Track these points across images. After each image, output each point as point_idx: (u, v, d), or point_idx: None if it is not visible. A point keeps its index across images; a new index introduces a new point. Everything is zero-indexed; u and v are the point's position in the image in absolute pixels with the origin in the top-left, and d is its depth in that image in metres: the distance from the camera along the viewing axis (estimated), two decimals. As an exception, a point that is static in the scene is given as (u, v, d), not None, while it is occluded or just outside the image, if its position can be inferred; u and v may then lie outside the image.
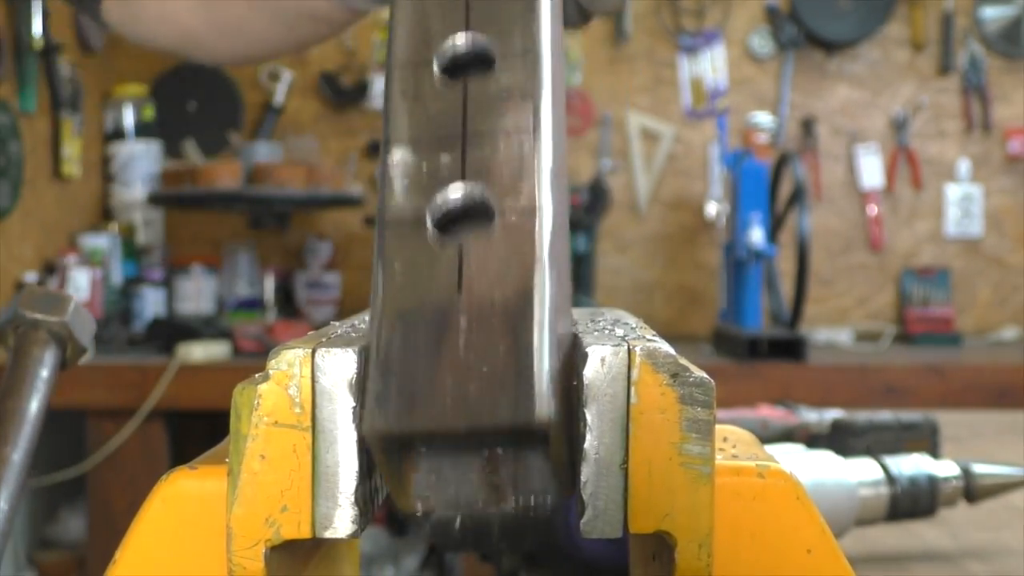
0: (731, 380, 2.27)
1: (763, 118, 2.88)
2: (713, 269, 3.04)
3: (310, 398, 0.35)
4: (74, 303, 0.66)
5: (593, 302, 2.80)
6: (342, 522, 0.35)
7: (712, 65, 3.13)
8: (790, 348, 2.40)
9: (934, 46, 3.11)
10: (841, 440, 0.93)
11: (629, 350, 0.35)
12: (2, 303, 2.46)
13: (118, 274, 2.86)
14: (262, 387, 0.35)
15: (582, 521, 0.35)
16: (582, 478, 0.35)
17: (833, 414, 1.03)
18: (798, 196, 2.47)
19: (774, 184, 2.68)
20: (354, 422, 0.35)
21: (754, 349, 2.39)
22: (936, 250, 3.11)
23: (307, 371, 0.35)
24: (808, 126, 3.12)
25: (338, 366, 0.35)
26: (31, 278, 2.61)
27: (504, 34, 0.36)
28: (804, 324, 2.69)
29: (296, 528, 0.35)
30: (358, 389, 0.35)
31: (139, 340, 2.55)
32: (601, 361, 0.35)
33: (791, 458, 0.70)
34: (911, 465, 0.74)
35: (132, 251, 2.95)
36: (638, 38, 3.15)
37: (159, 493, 0.37)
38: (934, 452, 0.94)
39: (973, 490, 0.76)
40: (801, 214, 2.44)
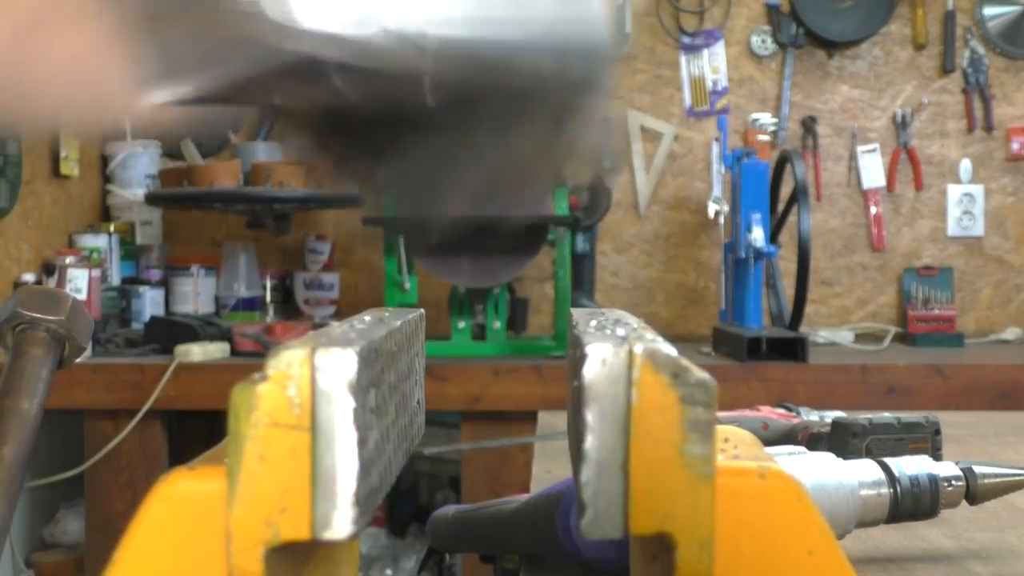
0: (731, 380, 2.27)
1: (764, 118, 2.88)
2: (713, 269, 3.04)
3: (309, 398, 0.35)
4: (72, 302, 0.66)
5: (593, 302, 2.79)
6: (341, 523, 0.35)
7: (712, 65, 3.13)
8: (791, 348, 2.40)
9: (935, 45, 3.10)
10: (842, 441, 0.93)
11: (630, 350, 0.35)
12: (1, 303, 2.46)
13: (116, 274, 2.86)
14: (261, 387, 0.35)
15: (582, 522, 0.35)
16: (582, 479, 0.35)
17: (834, 415, 1.03)
18: (799, 196, 2.47)
19: (775, 184, 2.68)
20: (354, 422, 0.34)
21: (755, 349, 2.39)
22: (937, 250, 3.11)
23: (306, 371, 0.35)
24: (809, 126, 3.11)
25: (337, 366, 0.35)
26: (30, 278, 2.60)
27: None
28: (805, 324, 2.68)
29: (295, 529, 0.35)
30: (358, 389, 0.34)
31: (138, 340, 2.55)
32: (602, 362, 0.35)
33: (792, 459, 0.70)
34: (912, 466, 0.74)
35: (131, 251, 2.95)
36: (638, 38, 3.15)
37: (158, 494, 0.37)
38: (935, 453, 0.94)
39: (975, 491, 0.75)
40: (802, 214, 2.44)
